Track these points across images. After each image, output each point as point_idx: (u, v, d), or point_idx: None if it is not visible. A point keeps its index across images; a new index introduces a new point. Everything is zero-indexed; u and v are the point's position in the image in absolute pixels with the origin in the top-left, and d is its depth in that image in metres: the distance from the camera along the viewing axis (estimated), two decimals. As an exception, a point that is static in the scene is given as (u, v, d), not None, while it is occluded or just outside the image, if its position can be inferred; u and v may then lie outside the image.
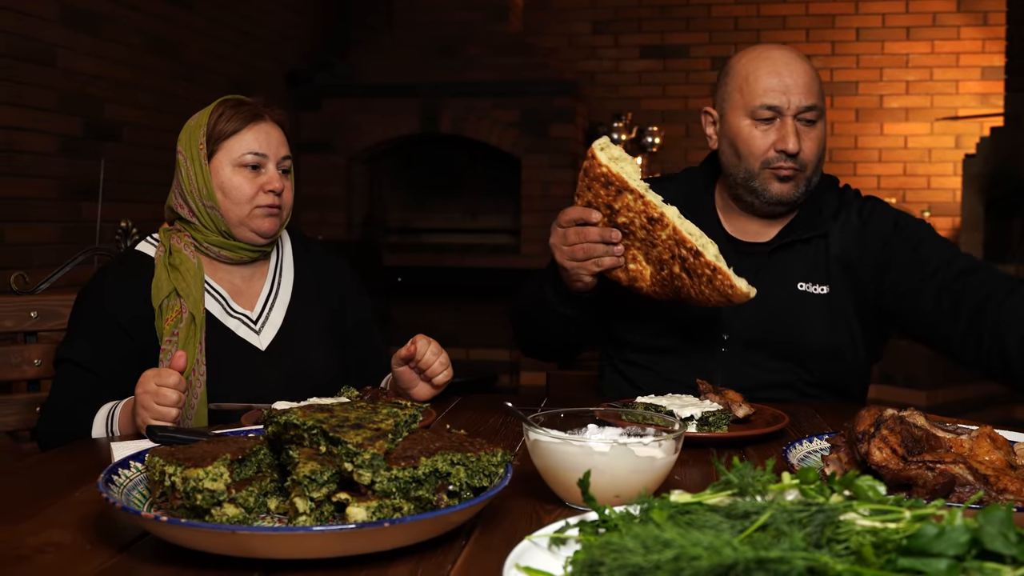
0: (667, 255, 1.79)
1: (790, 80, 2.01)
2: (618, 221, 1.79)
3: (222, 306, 2.00)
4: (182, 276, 1.94)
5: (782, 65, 2.03)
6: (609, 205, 1.79)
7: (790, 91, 2.01)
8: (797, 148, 2.01)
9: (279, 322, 2.04)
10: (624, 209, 1.76)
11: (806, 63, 2.06)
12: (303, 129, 6.62)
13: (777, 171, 2.04)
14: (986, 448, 1.32)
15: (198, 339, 1.91)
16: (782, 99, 2.01)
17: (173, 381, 1.66)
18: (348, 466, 1.10)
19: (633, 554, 0.82)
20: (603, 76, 7.16)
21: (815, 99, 2.03)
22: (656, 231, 1.76)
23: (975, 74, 6.69)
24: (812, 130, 2.04)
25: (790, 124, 2.01)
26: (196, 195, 1.98)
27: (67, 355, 1.91)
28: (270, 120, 2.02)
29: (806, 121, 2.03)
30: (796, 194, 2.07)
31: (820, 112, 2.04)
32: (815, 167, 2.07)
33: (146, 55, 4.92)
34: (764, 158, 2.04)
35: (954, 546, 0.78)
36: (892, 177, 6.78)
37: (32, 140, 4.12)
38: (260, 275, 2.09)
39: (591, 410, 1.43)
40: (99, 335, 1.91)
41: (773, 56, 2.05)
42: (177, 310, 1.91)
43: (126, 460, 1.28)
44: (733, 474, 0.98)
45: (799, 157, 2.03)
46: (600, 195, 1.78)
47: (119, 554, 1.10)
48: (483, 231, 6.90)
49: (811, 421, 1.91)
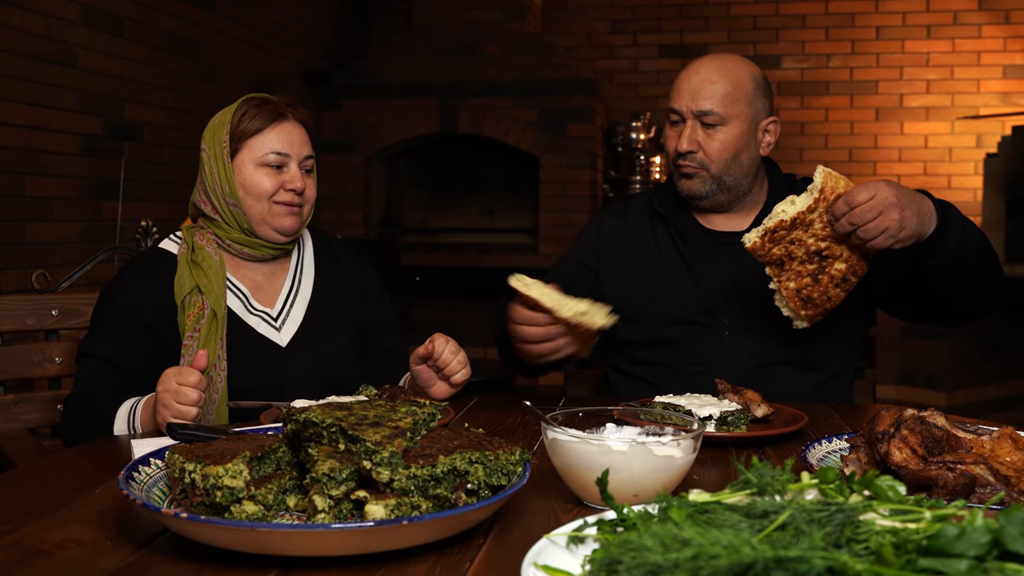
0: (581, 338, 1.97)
1: (691, 86, 2.18)
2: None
3: (243, 303, 2.01)
4: (204, 273, 1.96)
5: (693, 73, 2.20)
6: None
7: (687, 96, 2.17)
8: (688, 148, 2.17)
9: (299, 319, 2.06)
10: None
11: (720, 70, 2.19)
12: (322, 129, 6.63)
13: (679, 168, 2.23)
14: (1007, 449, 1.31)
15: (220, 335, 1.92)
16: (680, 103, 2.19)
17: (194, 380, 1.67)
18: (367, 464, 1.10)
19: (652, 553, 0.82)
20: (621, 75, 7.15)
21: (712, 104, 2.15)
22: (577, 329, 1.91)
23: (996, 73, 6.64)
24: (715, 132, 2.17)
25: (688, 126, 2.18)
26: (219, 192, 1.99)
27: (89, 349, 1.92)
28: (293, 119, 2.03)
29: (706, 124, 2.17)
30: (703, 190, 2.22)
31: (722, 117, 2.17)
32: (724, 167, 2.20)
33: (166, 55, 4.95)
34: (672, 156, 2.24)
35: (975, 547, 0.77)
36: (912, 177, 6.73)
37: (53, 140, 4.15)
38: (281, 273, 2.10)
39: (609, 409, 1.43)
40: (122, 330, 1.92)
41: (693, 65, 2.22)
42: (199, 306, 1.93)
43: (146, 457, 1.28)
44: (752, 473, 0.98)
45: (698, 156, 2.19)
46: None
47: (139, 550, 1.10)
48: (501, 230, 6.90)
49: (830, 421, 1.91)
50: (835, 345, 2.23)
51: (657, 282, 2.26)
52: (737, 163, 2.20)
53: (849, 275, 1.95)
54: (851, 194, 1.84)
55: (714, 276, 2.22)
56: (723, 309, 2.21)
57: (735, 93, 2.17)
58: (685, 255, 2.26)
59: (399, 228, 7.04)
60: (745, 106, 2.18)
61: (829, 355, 2.23)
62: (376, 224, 6.91)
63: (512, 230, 6.86)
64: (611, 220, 2.38)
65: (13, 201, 3.93)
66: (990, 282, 2.05)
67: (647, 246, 2.31)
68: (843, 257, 1.93)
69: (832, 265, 1.94)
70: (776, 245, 1.93)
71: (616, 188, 6.73)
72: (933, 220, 1.90)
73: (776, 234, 1.91)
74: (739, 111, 2.18)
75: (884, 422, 1.30)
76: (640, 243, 2.32)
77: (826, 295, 1.96)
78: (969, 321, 2.19)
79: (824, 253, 1.93)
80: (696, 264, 2.24)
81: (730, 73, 2.18)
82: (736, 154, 2.19)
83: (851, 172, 6.77)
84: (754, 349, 2.19)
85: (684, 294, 2.23)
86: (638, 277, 2.28)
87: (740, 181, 2.23)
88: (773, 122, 2.25)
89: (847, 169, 6.79)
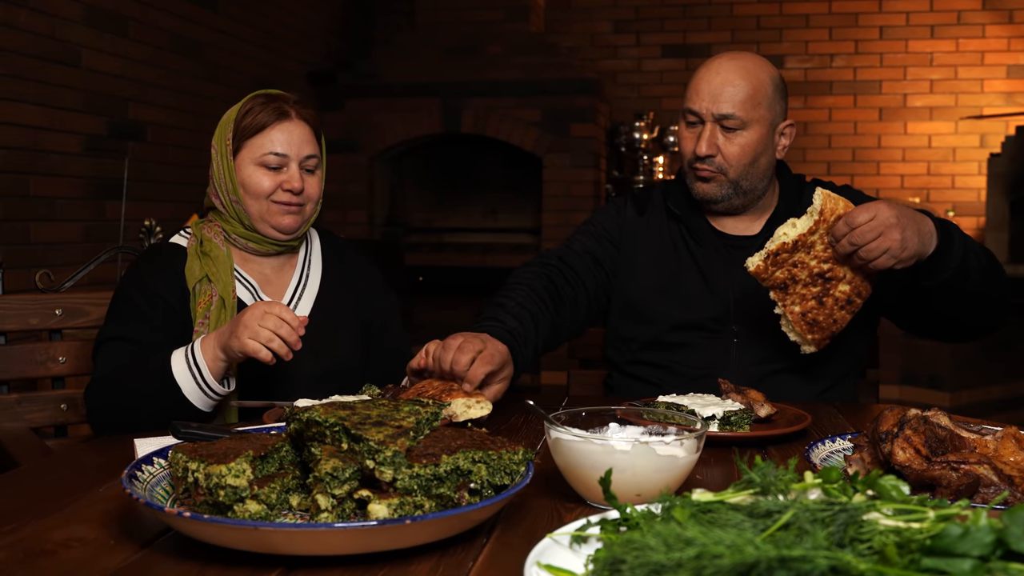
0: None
1: (712, 88, 2.13)
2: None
3: (252, 295, 2.04)
4: (212, 262, 1.99)
5: (713, 74, 2.15)
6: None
7: (708, 99, 2.13)
8: (707, 151, 2.14)
9: (307, 310, 2.09)
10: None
11: (741, 73, 2.15)
12: (325, 129, 6.60)
13: (696, 171, 2.19)
14: (1011, 449, 1.31)
15: None
16: (701, 105, 2.15)
17: (279, 311, 1.73)
18: (370, 463, 1.10)
19: (655, 552, 0.82)
20: (625, 75, 7.15)
21: (734, 109, 2.12)
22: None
23: (1000, 72, 6.63)
24: (735, 136, 2.14)
25: (708, 129, 2.15)
26: (224, 188, 2.03)
27: (115, 334, 1.92)
28: (297, 118, 2.03)
29: (726, 127, 2.14)
30: (720, 194, 2.19)
31: (743, 121, 2.14)
32: (742, 171, 2.17)
33: (170, 55, 4.95)
34: (689, 158, 2.20)
35: (979, 546, 0.77)
36: (916, 176, 6.72)
37: (57, 140, 4.16)
38: (289, 267, 2.13)
39: (612, 409, 1.43)
40: (149, 313, 1.94)
41: (713, 65, 2.18)
42: (209, 294, 1.96)
43: (150, 456, 1.29)
44: (755, 473, 0.98)
45: (716, 160, 2.15)
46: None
47: (142, 549, 1.10)
48: (504, 230, 6.90)
49: (833, 421, 1.91)
50: (842, 357, 2.22)
51: (669, 282, 2.24)
52: (755, 167, 2.17)
53: (854, 296, 1.96)
54: (851, 215, 1.85)
55: (726, 283, 2.20)
56: (733, 317, 2.19)
57: (756, 96, 2.14)
58: (698, 258, 2.24)
59: (402, 228, 7.04)
60: (765, 110, 2.15)
61: (834, 364, 2.22)
62: (379, 224, 6.91)
63: (515, 230, 6.87)
64: (633, 210, 2.36)
65: (17, 201, 3.93)
66: (992, 303, 2.05)
67: (663, 244, 2.29)
68: (846, 279, 1.94)
69: (836, 287, 1.94)
70: (779, 268, 1.93)
71: (619, 188, 6.73)
72: (934, 240, 1.90)
73: (779, 257, 1.92)
74: (759, 115, 2.15)
75: (888, 422, 1.30)
76: (656, 239, 2.29)
77: (832, 318, 1.96)
78: (972, 338, 2.20)
79: (827, 275, 1.93)
80: (709, 269, 2.22)
81: (751, 75, 2.14)
82: (755, 158, 2.16)
83: (855, 172, 6.77)
84: (761, 356, 2.17)
85: (696, 299, 2.21)
86: (651, 274, 2.26)
87: (756, 185, 2.20)
88: (789, 125, 2.23)
89: (851, 169, 6.78)
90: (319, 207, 2.10)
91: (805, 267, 1.93)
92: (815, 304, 1.96)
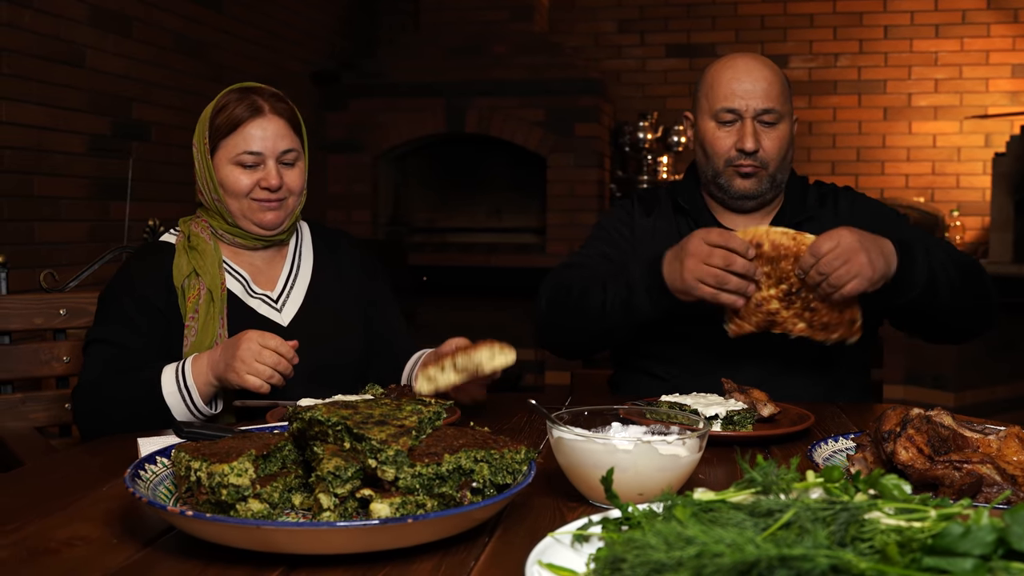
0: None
1: (749, 86, 2.18)
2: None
3: (244, 287, 2.05)
4: (200, 256, 2.00)
5: (743, 72, 2.20)
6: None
7: (748, 96, 2.17)
8: (755, 147, 2.17)
9: (300, 300, 2.09)
10: None
11: (768, 69, 2.21)
12: (329, 128, 6.64)
13: (739, 168, 2.21)
14: (1014, 448, 1.30)
15: (219, 314, 1.94)
16: (740, 103, 2.18)
17: (274, 344, 1.75)
18: (372, 462, 1.11)
19: (655, 551, 0.82)
20: (629, 75, 7.14)
21: (773, 103, 2.18)
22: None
23: (1005, 72, 6.61)
24: (772, 130, 2.20)
25: (749, 125, 2.18)
26: (205, 187, 2.05)
27: (99, 335, 1.93)
28: (271, 113, 2.02)
29: (765, 123, 2.19)
30: (759, 189, 2.23)
31: (780, 115, 2.20)
32: (779, 164, 2.22)
33: (174, 55, 4.96)
34: (727, 157, 2.22)
35: (980, 545, 0.77)
36: (920, 176, 6.71)
37: (61, 140, 4.16)
38: (280, 259, 2.13)
39: (615, 408, 1.43)
40: (134, 316, 1.94)
41: (736, 63, 2.22)
42: (197, 288, 1.97)
43: (152, 455, 1.29)
44: (757, 472, 0.97)
45: (759, 155, 2.19)
46: None
47: (145, 548, 1.11)
48: (508, 230, 6.89)
49: (836, 420, 1.90)
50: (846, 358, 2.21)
51: None
52: (786, 160, 2.24)
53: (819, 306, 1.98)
54: (815, 245, 1.89)
55: None
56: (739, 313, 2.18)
57: (785, 91, 2.22)
58: None
59: (406, 228, 7.04)
60: (790, 104, 2.25)
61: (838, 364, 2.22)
62: (383, 224, 6.91)
63: (519, 230, 6.86)
64: (641, 211, 2.37)
65: (21, 201, 3.94)
66: (971, 312, 2.09)
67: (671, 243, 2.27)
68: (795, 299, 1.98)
69: (808, 295, 1.96)
70: (747, 319, 1.99)
71: (623, 188, 6.72)
72: (895, 259, 1.93)
73: (739, 312, 1.98)
74: (789, 108, 2.23)
75: (890, 421, 1.30)
76: (664, 239, 2.28)
77: (835, 311, 1.95)
78: (956, 342, 2.24)
79: (793, 290, 1.95)
80: None
81: (775, 71, 2.22)
82: (787, 151, 2.23)
83: (859, 172, 6.76)
84: (772, 352, 2.17)
85: None
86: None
87: (785, 178, 2.27)
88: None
89: (855, 169, 6.77)
90: (304, 198, 2.09)
91: (770, 300, 1.96)
92: (809, 314, 1.96)
